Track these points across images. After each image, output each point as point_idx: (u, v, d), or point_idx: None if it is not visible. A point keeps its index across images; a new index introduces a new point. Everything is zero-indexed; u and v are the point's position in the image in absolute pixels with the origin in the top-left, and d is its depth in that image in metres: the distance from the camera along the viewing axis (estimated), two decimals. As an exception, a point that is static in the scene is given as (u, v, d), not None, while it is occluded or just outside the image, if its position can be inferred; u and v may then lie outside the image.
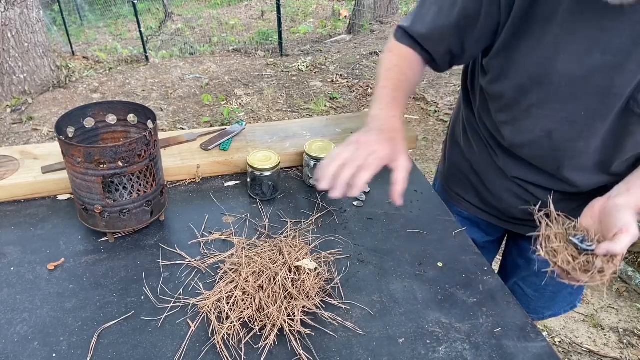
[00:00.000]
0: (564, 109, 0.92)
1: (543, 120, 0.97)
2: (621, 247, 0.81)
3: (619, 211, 0.84)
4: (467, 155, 1.26)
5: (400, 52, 1.05)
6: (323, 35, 7.32)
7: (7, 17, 4.36)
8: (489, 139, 1.17)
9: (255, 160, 1.19)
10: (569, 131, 0.95)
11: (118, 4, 10.45)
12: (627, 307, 2.27)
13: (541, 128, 0.98)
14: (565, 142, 0.98)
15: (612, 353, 2.03)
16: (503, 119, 1.07)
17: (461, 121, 1.28)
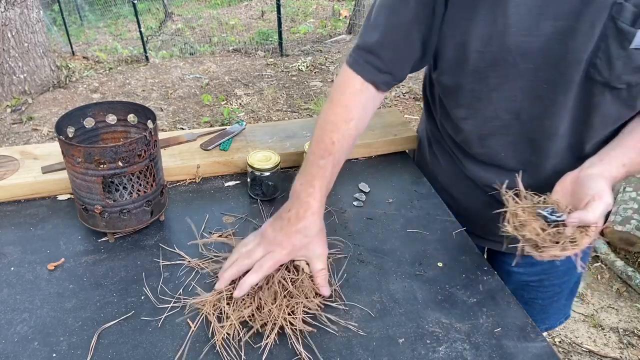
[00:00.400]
0: (527, 85, 0.88)
1: (507, 103, 0.93)
2: (594, 214, 0.78)
3: (592, 179, 0.81)
4: (436, 171, 1.25)
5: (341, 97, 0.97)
6: (323, 35, 7.32)
7: (7, 17, 4.36)
8: (454, 148, 1.15)
9: (255, 160, 1.19)
10: (535, 108, 0.91)
11: (118, 4, 10.44)
12: (627, 307, 2.27)
13: (507, 111, 0.94)
14: (534, 119, 0.93)
15: (612, 353, 2.04)
16: (463, 114, 1.02)
17: (425, 136, 1.28)
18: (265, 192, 1.21)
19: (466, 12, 0.87)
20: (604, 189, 0.79)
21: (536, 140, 0.97)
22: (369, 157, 1.40)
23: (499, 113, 0.96)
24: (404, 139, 1.41)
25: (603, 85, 0.83)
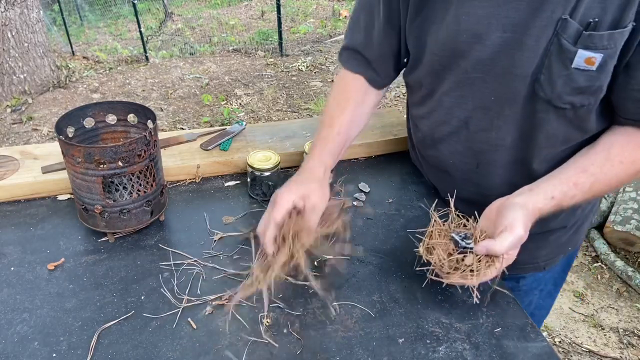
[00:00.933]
0: (476, 95, 0.89)
1: (458, 110, 0.94)
2: (501, 245, 0.77)
3: (511, 209, 0.80)
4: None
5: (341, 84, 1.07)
6: (323, 35, 7.32)
7: (7, 17, 4.36)
8: (422, 159, 1.18)
9: (255, 160, 1.19)
10: (483, 119, 0.91)
11: (118, 4, 10.44)
12: (627, 307, 2.27)
13: (458, 118, 0.95)
14: (480, 131, 0.93)
15: (612, 353, 2.04)
16: (420, 112, 1.04)
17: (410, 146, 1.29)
18: (265, 192, 1.21)
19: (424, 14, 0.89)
20: (518, 220, 0.78)
21: (483, 151, 0.97)
22: (369, 157, 1.40)
23: (450, 118, 0.97)
24: (404, 139, 1.41)
25: (546, 102, 0.83)
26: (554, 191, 0.83)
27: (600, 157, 0.84)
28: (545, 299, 1.24)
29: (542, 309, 1.27)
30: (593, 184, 0.84)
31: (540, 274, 1.15)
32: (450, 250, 0.86)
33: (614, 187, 0.86)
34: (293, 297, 0.96)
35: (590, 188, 0.84)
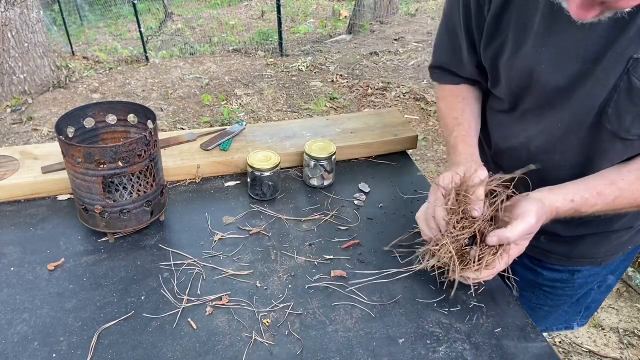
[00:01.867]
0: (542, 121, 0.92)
1: (519, 130, 0.97)
2: (512, 233, 0.78)
3: (526, 200, 0.82)
4: None
5: (444, 97, 1.12)
6: (323, 35, 7.32)
7: (7, 17, 4.36)
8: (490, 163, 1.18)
9: (255, 160, 1.19)
10: (545, 142, 0.94)
11: (118, 4, 10.44)
12: (627, 307, 2.27)
13: (525, 135, 0.97)
14: (541, 153, 0.96)
15: (612, 353, 2.04)
16: (496, 121, 1.07)
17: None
18: (265, 192, 1.21)
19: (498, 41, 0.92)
20: (531, 210, 0.80)
21: (546, 169, 0.97)
22: (369, 157, 1.40)
23: (518, 134, 0.98)
24: (404, 139, 1.41)
25: (612, 134, 0.84)
26: (575, 195, 0.85)
27: (632, 176, 0.85)
28: (603, 292, 1.24)
29: (598, 302, 1.27)
30: (617, 197, 0.85)
31: (597, 269, 1.14)
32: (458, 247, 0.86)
33: (635, 206, 0.87)
34: (293, 297, 0.96)
35: (614, 201, 0.85)
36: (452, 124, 1.06)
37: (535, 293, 1.23)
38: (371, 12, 7.14)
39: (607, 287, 1.23)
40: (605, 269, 1.16)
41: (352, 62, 5.41)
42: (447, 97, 1.11)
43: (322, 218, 1.16)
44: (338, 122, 1.48)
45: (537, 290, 1.22)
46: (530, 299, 1.24)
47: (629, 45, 0.75)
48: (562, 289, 1.19)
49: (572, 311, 1.27)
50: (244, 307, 0.94)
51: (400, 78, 4.81)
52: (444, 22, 1.06)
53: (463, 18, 0.98)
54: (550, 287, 1.19)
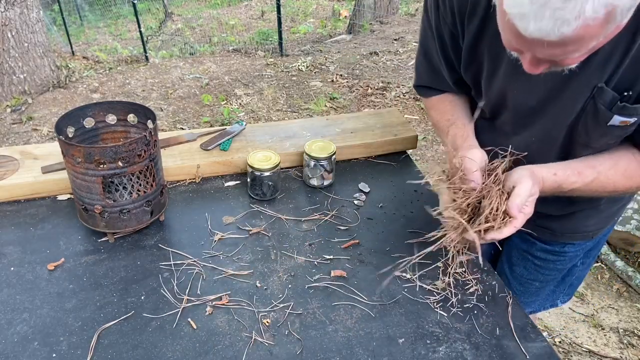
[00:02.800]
0: (523, 133, 0.99)
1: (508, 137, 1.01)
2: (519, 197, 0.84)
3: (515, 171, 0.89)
4: None
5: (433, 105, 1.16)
6: (323, 35, 7.32)
7: (7, 17, 4.36)
8: None
9: (255, 160, 1.19)
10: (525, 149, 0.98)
11: (118, 4, 10.44)
12: (627, 307, 2.27)
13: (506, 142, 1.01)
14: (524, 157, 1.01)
15: (612, 353, 2.03)
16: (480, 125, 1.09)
17: None
18: (265, 192, 1.21)
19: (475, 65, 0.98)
20: (523, 175, 0.87)
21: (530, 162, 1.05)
22: (368, 157, 1.40)
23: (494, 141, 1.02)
24: (404, 139, 1.41)
25: (584, 144, 0.93)
26: (557, 170, 0.91)
27: (609, 162, 0.92)
28: (586, 268, 1.30)
29: (580, 279, 1.33)
30: (594, 180, 0.92)
31: (589, 243, 1.20)
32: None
33: (607, 191, 0.94)
34: (293, 297, 0.96)
35: (591, 182, 0.92)
36: (446, 125, 1.09)
37: (527, 268, 1.26)
38: (371, 12, 7.14)
39: (588, 264, 1.29)
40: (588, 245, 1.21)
41: (352, 62, 5.41)
42: (436, 104, 1.15)
43: (322, 218, 1.16)
44: (338, 122, 1.48)
45: (529, 264, 1.25)
46: (522, 274, 1.27)
47: (592, 75, 0.82)
48: (553, 263, 1.22)
49: (559, 290, 1.32)
50: (244, 307, 0.94)
51: (400, 78, 4.81)
52: (421, 48, 1.11)
53: (439, 47, 1.04)
54: (542, 260, 1.23)
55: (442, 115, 1.11)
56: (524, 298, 1.31)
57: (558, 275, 1.26)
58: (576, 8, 0.60)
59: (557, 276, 1.27)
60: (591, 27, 0.62)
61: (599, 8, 0.60)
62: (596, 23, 0.61)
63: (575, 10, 0.60)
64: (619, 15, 0.62)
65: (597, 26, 0.62)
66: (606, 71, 0.81)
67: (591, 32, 0.63)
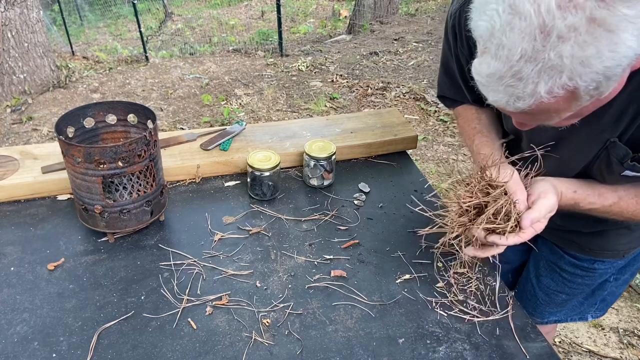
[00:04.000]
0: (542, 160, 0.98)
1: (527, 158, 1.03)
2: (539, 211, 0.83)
3: (540, 182, 0.88)
4: None
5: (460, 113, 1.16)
6: (323, 35, 7.32)
7: (7, 17, 4.36)
8: None
9: (255, 160, 1.19)
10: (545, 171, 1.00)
11: (118, 4, 10.44)
12: (627, 307, 2.27)
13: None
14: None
15: (612, 353, 2.03)
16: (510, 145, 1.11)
17: None
18: (265, 192, 1.21)
19: None
20: (548, 189, 0.86)
21: None
22: (369, 157, 1.40)
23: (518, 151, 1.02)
24: (404, 139, 1.41)
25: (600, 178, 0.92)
26: (578, 188, 0.90)
27: (633, 191, 0.90)
28: (620, 285, 1.27)
29: (614, 296, 1.30)
30: (615, 204, 0.90)
31: (619, 262, 1.17)
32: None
33: (624, 217, 0.92)
34: (293, 297, 0.96)
35: (611, 206, 0.90)
36: (472, 132, 1.09)
37: (554, 279, 1.24)
38: (371, 12, 7.14)
39: (625, 280, 1.25)
40: (623, 263, 1.18)
41: (352, 62, 5.41)
42: (462, 112, 1.15)
43: (322, 218, 1.16)
44: (338, 122, 1.48)
45: (557, 276, 1.23)
46: (549, 285, 1.25)
47: (605, 129, 0.82)
48: (581, 277, 1.20)
49: (588, 303, 1.28)
50: (244, 307, 0.94)
51: (400, 78, 4.81)
52: (442, 66, 1.12)
53: (458, 69, 1.05)
54: (569, 274, 1.20)
55: (469, 123, 1.11)
56: (549, 308, 1.29)
57: (587, 289, 1.24)
58: (528, 87, 0.60)
59: (586, 290, 1.24)
60: (552, 103, 0.62)
61: (555, 89, 0.59)
62: (557, 100, 0.61)
63: (527, 89, 0.60)
64: (584, 93, 0.61)
65: (561, 102, 0.62)
66: (619, 126, 0.81)
67: (555, 106, 0.63)
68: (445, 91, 1.16)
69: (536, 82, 0.59)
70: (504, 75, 0.61)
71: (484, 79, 0.64)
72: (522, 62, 0.59)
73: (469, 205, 0.88)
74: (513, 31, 0.58)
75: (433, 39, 5.98)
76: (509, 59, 0.59)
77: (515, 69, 0.60)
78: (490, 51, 0.62)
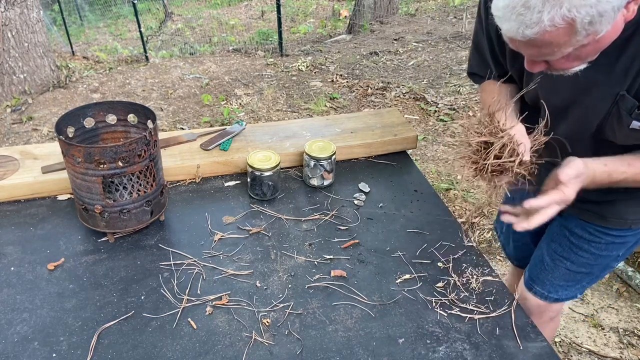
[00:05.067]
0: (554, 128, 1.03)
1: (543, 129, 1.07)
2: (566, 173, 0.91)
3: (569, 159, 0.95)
4: None
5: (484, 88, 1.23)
6: (323, 35, 7.32)
7: (7, 17, 4.36)
8: None
9: (255, 160, 1.19)
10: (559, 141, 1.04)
11: (118, 4, 10.44)
12: (627, 307, 2.27)
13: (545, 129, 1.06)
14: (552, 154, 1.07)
15: (612, 353, 2.03)
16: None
17: None
18: (265, 192, 1.21)
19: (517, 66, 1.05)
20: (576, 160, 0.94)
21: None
22: (369, 157, 1.40)
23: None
24: (404, 139, 1.41)
25: (612, 143, 0.98)
26: (607, 161, 0.97)
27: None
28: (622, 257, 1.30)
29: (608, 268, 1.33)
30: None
31: (626, 236, 1.22)
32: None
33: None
34: (293, 297, 0.96)
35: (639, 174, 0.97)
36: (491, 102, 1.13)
37: (562, 244, 1.26)
38: (371, 12, 7.14)
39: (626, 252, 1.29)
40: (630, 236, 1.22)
41: (352, 62, 5.41)
42: (485, 87, 1.20)
43: (322, 218, 1.16)
44: (338, 122, 1.48)
45: (565, 240, 1.25)
46: (556, 250, 1.27)
47: (616, 83, 0.90)
48: (587, 243, 1.22)
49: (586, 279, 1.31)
50: (244, 307, 0.94)
51: (400, 78, 4.81)
52: (474, 40, 1.19)
53: (488, 46, 1.12)
54: (577, 238, 1.23)
55: (490, 95, 1.17)
56: (552, 277, 1.31)
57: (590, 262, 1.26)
58: (534, 15, 0.72)
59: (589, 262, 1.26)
60: (553, 33, 0.73)
61: (556, 19, 0.71)
62: (558, 31, 0.73)
63: (534, 17, 0.72)
64: (580, 27, 0.72)
65: (561, 34, 0.73)
66: (627, 79, 0.88)
67: (556, 38, 0.74)
68: (475, 67, 1.23)
69: (541, 10, 0.71)
70: (516, 5, 0.73)
71: (500, 11, 0.76)
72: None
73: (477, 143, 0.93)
74: None
75: (433, 39, 5.98)
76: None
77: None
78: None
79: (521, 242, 1.45)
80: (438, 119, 4.14)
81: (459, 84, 4.60)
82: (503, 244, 1.56)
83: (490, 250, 2.28)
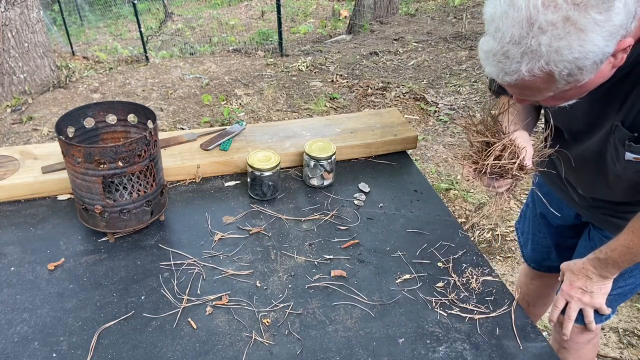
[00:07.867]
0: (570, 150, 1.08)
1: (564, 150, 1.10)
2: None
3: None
4: None
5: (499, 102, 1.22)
6: (323, 35, 7.32)
7: (7, 17, 4.36)
8: None
9: (255, 160, 1.19)
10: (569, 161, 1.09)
11: (118, 4, 10.44)
12: (627, 307, 2.26)
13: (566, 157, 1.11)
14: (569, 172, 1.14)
15: (612, 353, 2.03)
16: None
17: None
18: (265, 192, 1.21)
19: None
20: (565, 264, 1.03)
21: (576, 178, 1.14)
22: (368, 157, 1.40)
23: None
24: (404, 139, 1.41)
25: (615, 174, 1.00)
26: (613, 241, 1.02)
27: None
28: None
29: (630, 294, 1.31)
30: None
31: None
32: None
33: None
34: (293, 297, 0.96)
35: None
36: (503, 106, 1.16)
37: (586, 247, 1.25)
38: (371, 12, 7.14)
39: None
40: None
41: (352, 62, 5.41)
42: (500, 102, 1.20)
43: (322, 218, 1.16)
44: (338, 122, 1.48)
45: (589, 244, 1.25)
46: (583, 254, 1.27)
47: (613, 115, 0.92)
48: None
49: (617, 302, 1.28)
50: (244, 307, 0.94)
51: (400, 78, 4.81)
52: None
53: None
54: None
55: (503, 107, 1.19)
56: None
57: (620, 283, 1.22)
58: (513, 65, 0.73)
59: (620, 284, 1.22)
60: (532, 81, 0.74)
61: (534, 70, 0.72)
62: (537, 80, 0.74)
63: (512, 67, 0.73)
64: (559, 77, 0.73)
65: (540, 82, 0.75)
66: (623, 111, 0.90)
67: (536, 85, 0.76)
68: (491, 82, 1.24)
69: (520, 62, 0.72)
70: (496, 53, 0.74)
71: (483, 54, 0.78)
72: (510, 44, 0.72)
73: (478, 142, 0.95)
74: (507, 18, 0.71)
75: (433, 39, 5.99)
76: (502, 40, 0.72)
77: (505, 49, 0.72)
78: (490, 32, 0.75)
79: (540, 245, 1.43)
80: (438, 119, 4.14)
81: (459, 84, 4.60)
82: (522, 245, 1.54)
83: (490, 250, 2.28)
